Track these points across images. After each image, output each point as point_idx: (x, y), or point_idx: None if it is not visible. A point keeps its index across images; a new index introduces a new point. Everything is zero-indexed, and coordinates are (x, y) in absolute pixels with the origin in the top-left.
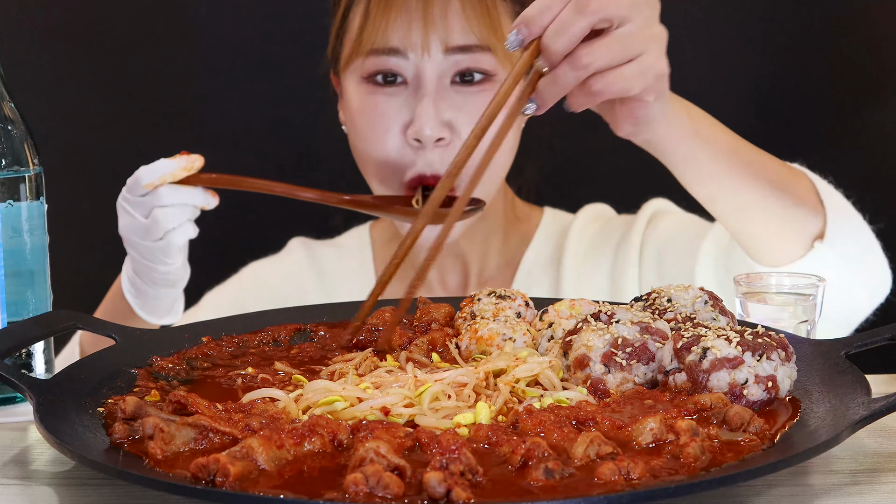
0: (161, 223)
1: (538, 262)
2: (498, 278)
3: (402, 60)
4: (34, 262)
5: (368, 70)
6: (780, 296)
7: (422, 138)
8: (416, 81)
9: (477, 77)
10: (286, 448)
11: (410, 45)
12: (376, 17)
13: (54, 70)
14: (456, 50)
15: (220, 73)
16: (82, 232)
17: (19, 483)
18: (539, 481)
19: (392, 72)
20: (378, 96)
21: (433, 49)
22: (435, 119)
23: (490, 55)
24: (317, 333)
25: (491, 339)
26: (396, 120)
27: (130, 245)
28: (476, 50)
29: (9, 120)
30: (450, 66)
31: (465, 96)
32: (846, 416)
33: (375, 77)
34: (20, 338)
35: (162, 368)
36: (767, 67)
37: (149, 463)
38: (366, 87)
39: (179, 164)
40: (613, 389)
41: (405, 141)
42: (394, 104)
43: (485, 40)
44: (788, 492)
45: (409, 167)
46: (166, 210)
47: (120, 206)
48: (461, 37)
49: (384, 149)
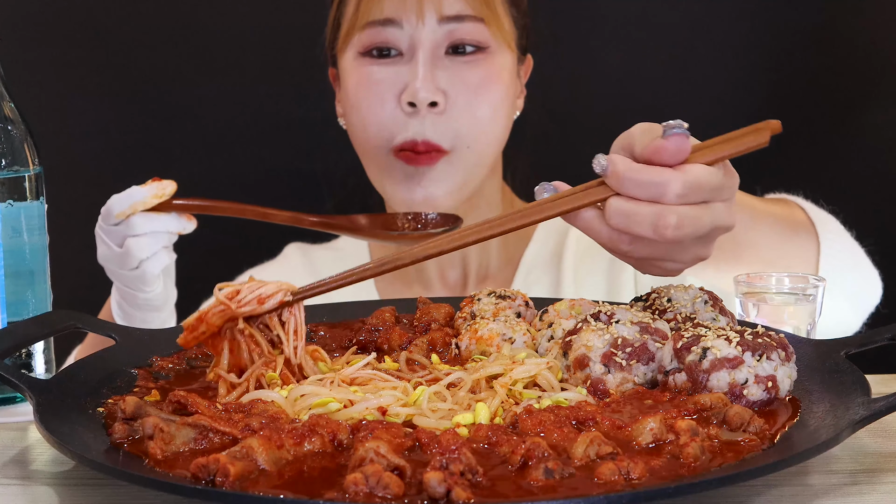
0: (134, 253)
1: (538, 261)
2: (498, 276)
3: (398, 30)
4: (34, 262)
5: (365, 44)
6: (780, 296)
7: (416, 101)
8: (410, 51)
9: (469, 49)
10: (286, 448)
11: (405, 15)
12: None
13: (54, 70)
14: (450, 19)
15: (221, 73)
16: (82, 232)
17: (19, 483)
18: (539, 481)
19: (388, 43)
20: (374, 66)
21: (427, 18)
22: (429, 83)
23: (483, 26)
24: (317, 333)
25: (491, 339)
26: (392, 88)
27: (110, 273)
28: (469, 20)
29: (9, 120)
30: (444, 36)
31: (458, 65)
32: (846, 416)
33: (371, 51)
34: (20, 338)
35: (162, 368)
36: (767, 67)
37: (149, 463)
38: (362, 60)
39: (150, 192)
40: (613, 389)
41: (399, 107)
42: (389, 73)
43: (478, 11)
44: (788, 492)
45: (400, 132)
46: (139, 239)
47: (97, 235)
48: (454, 6)
49: (378, 115)
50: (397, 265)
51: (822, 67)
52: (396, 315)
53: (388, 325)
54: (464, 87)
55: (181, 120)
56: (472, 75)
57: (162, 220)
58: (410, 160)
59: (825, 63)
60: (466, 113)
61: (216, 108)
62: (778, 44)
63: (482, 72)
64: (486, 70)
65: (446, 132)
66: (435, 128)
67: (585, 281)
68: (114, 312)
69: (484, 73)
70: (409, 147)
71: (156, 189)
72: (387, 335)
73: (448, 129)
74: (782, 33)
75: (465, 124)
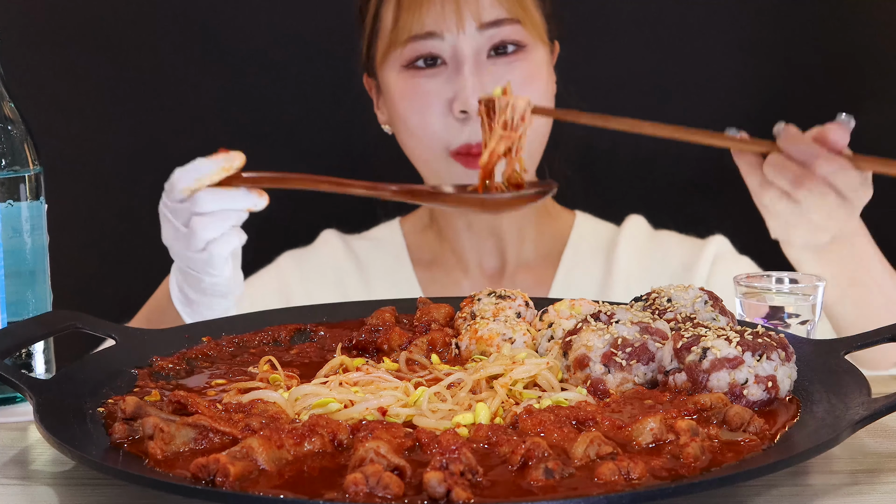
0: (200, 233)
1: (578, 262)
2: (536, 269)
3: (439, 42)
4: (34, 262)
5: (408, 57)
6: (780, 296)
7: (468, 108)
8: (454, 60)
9: (510, 49)
10: (286, 448)
11: (446, 27)
12: (410, 6)
13: (54, 70)
14: (488, 25)
15: (222, 73)
16: (82, 232)
17: (19, 483)
18: (539, 481)
19: (431, 54)
20: (420, 79)
21: (468, 26)
22: (479, 90)
23: (519, 26)
24: (317, 333)
25: (491, 339)
26: (440, 97)
27: (174, 254)
28: (506, 23)
29: (9, 120)
30: (485, 41)
31: (501, 67)
32: (846, 416)
33: (416, 62)
34: (20, 338)
35: (162, 368)
36: (767, 68)
37: (149, 463)
38: (407, 72)
39: (217, 164)
40: (613, 389)
41: (451, 115)
42: (436, 83)
43: (514, 13)
44: (788, 492)
45: (454, 138)
46: (205, 218)
47: (161, 212)
48: (491, 12)
49: (430, 126)
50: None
51: (822, 68)
52: (396, 315)
53: (388, 325)
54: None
55: (182, 120)
56: (515, 74)
57: (231, 196)
58: (469, 163)
59: (825, 63)
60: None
61: (217, 108)
62: (777, 43)
63: (524, 69)
64: (527, 67)
65: None
66: None
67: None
68: (174, 297)
69: (526, 71)
70: (465, 151)
71: (223, 161)
72: (387, 335)
73: None
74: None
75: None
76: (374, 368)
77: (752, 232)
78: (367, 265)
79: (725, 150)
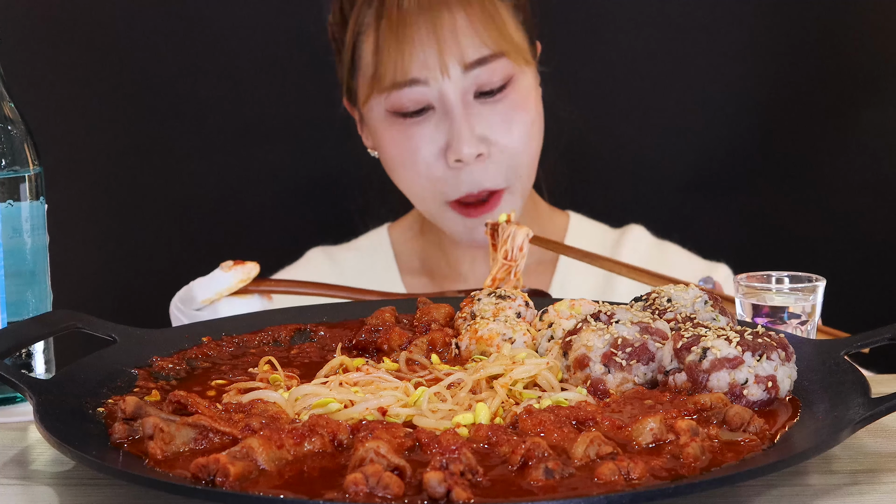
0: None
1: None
2: (532, 273)
3: (424, 88)
4: (34, 262)
5: (394, 105)
6: (780, 296)
7: (462, 158)
8: (441, 105)
9: (497, 87)
10: (286, 448)
11: (429, 73)
12: (390, 51)
13: (54, 70)
14: (473, 65)
15: (222, 73)
16: (82, 232)
17: (19, 483)
18: (539, 481)
19: (417, 104)
20: (409, 128)
21: (452, 70)
22: (471, 137)
23: (505, 59)
24: (317, 333)
25: (491, 339)
26: (432, 146)
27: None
28: (492, 59)
29: (9, 120)
30: (470, 83)
31: (491, 107)
32: (846, 416)
33: (401, 111)
34: (20, 338)
35: (162, 368)
36: (767, 69)
37: (149, 463)
38: (393, 119)
39: (236, 277)
40: (613, 389)
41: (446, 164)
42: (426, 132)
43: (498, 46)
44: (788, 492)
45: (454, 188)
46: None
47: (172, 314)
48: (475, 51)
49: (426, 175)
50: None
51: (822, 68)
52: (396, 315)
53: (388, 325)
54: (502, 125)
55: (182, 120)
56: (504, 107)
57: (247, 305)
58: (469, 213)
59: (825, 64)
60: (509, 146)
61: (217, 108)
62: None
63: (513, 100)
64: (515, 98)
65: (498, 174)
66: (486, 173)
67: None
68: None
69: (513, 103)
70: (465, 201)
71: (241, 274)
72: (387, 335)
73: (499, 171)
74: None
75: (512, 156)
76: (374, 368)
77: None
78: (351, 276)
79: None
